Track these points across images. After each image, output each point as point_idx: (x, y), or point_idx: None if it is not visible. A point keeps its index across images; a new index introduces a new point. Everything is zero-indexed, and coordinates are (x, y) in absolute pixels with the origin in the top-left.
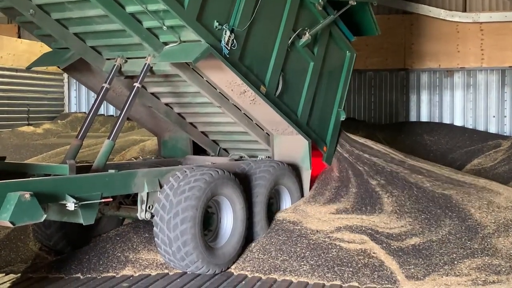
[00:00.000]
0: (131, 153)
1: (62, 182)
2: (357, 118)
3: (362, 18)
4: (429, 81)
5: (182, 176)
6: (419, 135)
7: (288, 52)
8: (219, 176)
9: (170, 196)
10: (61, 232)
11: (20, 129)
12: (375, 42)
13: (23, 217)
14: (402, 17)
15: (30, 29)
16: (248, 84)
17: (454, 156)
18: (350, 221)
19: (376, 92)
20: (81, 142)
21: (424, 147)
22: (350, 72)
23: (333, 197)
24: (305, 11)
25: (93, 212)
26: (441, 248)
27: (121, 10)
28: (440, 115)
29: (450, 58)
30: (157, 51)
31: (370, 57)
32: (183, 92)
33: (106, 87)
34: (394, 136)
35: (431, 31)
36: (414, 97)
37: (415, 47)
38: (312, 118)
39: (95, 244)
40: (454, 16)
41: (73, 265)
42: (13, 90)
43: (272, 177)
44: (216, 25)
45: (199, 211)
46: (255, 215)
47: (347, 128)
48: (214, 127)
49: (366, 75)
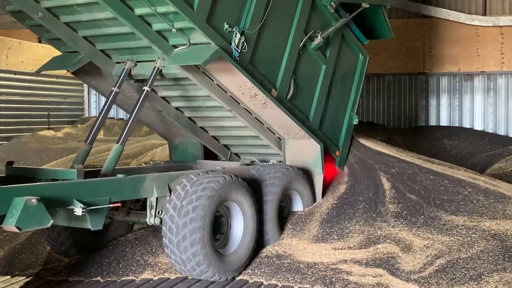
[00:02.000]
0: (148, 157)
1: (69, 187)
2: (376, 122)
3: (375, 21)
4: (449, 85)
5: (189, 184)
6: (438, 140)
7: (299, 55)
8: (227, 182)
9: (178, 205)
10: (70, 237)
11: (40, 133)
12: (394, 46)
13: (29, 222)
14: (421, 21)
15: (39, 32)
16: (259, 87)
17: (475, 161)
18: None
19: (395, 96)
20: (90, 146)
21: (444, 152)
22: (363, 76)
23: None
24: (317, 13)
25: (101, 217)
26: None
27: (130, 12)
28: (460, 119)
29: (470, 62)
30: (167, 54)
31: (389, 61)
32: (193, 95)
33: (116, 91)
34: (413, 141)
35: (451, 35)
36: (433, 101)
37: (434, 51)
38: (324, 122)
39: (114, 247)
40: (474, 20)
41: (93, 268)
42: (34, 94)
43: (283, 182)
44: (226, 28)
45: (208, 220)
46: (266, 221)
47: (366, 132)
48: (225, 131)
49: (385, 79)
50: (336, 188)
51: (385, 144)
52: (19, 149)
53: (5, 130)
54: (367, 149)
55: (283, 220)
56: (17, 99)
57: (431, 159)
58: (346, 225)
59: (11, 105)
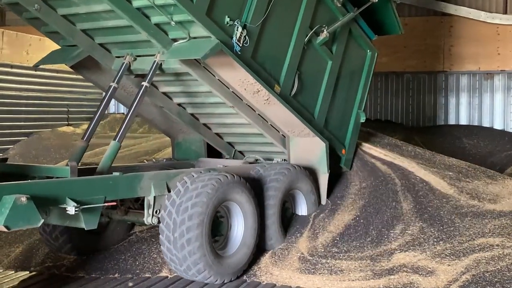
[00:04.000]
0: (166, 154)
1: (61, 185)
2: (395, 120)
3: (384, 16)
4: (469, 84)
5: (190, 181)
6: (458, 139)
7: (304, 50)
8: (228, 181)
9: (176, 202)
10: (68, 238)
11: (60, 129)
12: (414, 44)
13: (18, 221)
14: (441, 19)
15: (37, 25)
16: (261, 83)
17: (494, 160)
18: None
19: (414, 94)
20: (86, 143)
21: (463, 151)
22: (371, 72)
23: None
24: (323, 7)
25: (96, 216)
26: None
27: (128, 4)
28: (479, 118)
29: (490, 60)
30: (166, 48)
31: (408, 59)
32: (195, 91)
33: (114, 86)
34: (432, 139)
35: (471, 33)
36: (453, 100)
37: (454, 49)
38: (330, 120)
39: (130, 244)
40: (494, 18)
41: (109, 265)
42: (53, 91)
43: (286, 181)
44: (227, 21)
45: (207, 218)
46: (268, 222)
47: (384, 131)
48: (228, 128)
49: (404, 77)
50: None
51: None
52: (38, 145)
53: (25, 126)
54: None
55: (287, 220)
56: (37, 95)
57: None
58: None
59: (31, 101)
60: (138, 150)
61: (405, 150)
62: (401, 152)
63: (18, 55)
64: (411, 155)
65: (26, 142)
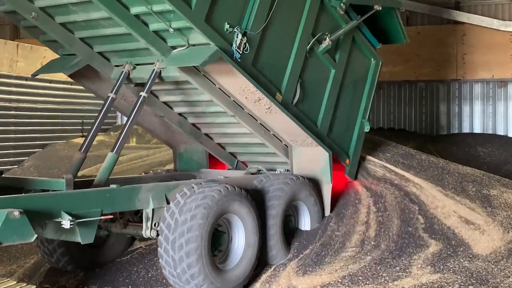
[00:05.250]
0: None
1: (56, 198)
2: (408, 129)
3: (388, 25)
4: (482, 92)
5: (189, 193)
6: (472, 147)
7: (306, 58)
8: (228, 193)
9: (176, 214)
10: (66, 251)
11: (74, 140)
12: (427, 53)
13: (11, 236)
14: (454, 27)
15: (35, 34)
16: (262, 92)
17: (509, 168)
18: None
19: (428, 103)
20: (84, 155)
21: (477, 159)
22: (376, 81)
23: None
24: (326, 15)
25: (92, 230)
26: None
27: (126, 11)
28: (493, 127)
29: (503, 68)
30: (165, 56)
31: (421, 68)
32: (196, 100)
33: (112, 97)
34: (446, 148)
35: (484, 41)
36: (466, 108)
37: (467, 57)
38: (333, 129)
39: (142, 256)
40: (507, 26)
41: (121, 277)
42: (68, 102)
43: (288, 192)
44: (227, 28)
45: (207, 230)
46: (269, 234)
47: (397, 139)
48: (230, 138)
49: (417, 86)
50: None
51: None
52: (53, 156)
53: (40, 138)
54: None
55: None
56: (52, 107)
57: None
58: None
59: (46, 113)
60: (153, 160)
61: (418, 159)
62: (410, 163)
63: (33, 68)
64: (424, 165)
65: (41, 153)
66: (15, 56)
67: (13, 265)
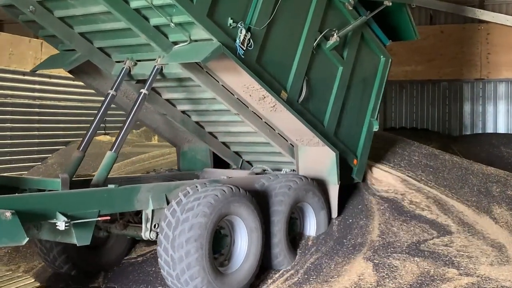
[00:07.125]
0: None
1: (50, 198)
2: (431, 129)
3: (399, 21)
4: (506, 92)
5: (192, 191)
6: (495, 147)
7: (313, 55)
8: (231, 194)
9: (177, 212)
10: (63, 252)
11: (97, 138)
12: (450, 52)
13: (1, 237)
14: (478, 26)
15: (34, 29)
16: (267, 89)
17: None
18: None
19: (451, 102)
20: (83, 154)
21: (500, 160)
22: (385, 79)
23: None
24: (334, 10)
25: (89, 231)
26: None
27: (125, 5)
28: None
29: None
30: (166, 52)
31: (444, 67)
32: (199, 98)
33: (112, 94)
34: (469, 148)
35: (509, 41)
36: (490, 108)
37: (491, 56)
38: (340, 128)
39: (155, 256)
40: None
41: (138, 277)
42: (91, 100)
43: (293, 193)
44: (230, 23)
45: (208, 230)
46: (273, 237)
47: (420, 139)
48: (235, 137)
49: (440, 86)
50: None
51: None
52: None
53: (63, 135)
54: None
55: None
56: (74, 105)
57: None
58: None
59: (69, 110)
60: (175, 158)
61: (441, 160)
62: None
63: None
64: (448, 165)
65: (64, 151)
66: (39, 54)
67: (35, 261)
